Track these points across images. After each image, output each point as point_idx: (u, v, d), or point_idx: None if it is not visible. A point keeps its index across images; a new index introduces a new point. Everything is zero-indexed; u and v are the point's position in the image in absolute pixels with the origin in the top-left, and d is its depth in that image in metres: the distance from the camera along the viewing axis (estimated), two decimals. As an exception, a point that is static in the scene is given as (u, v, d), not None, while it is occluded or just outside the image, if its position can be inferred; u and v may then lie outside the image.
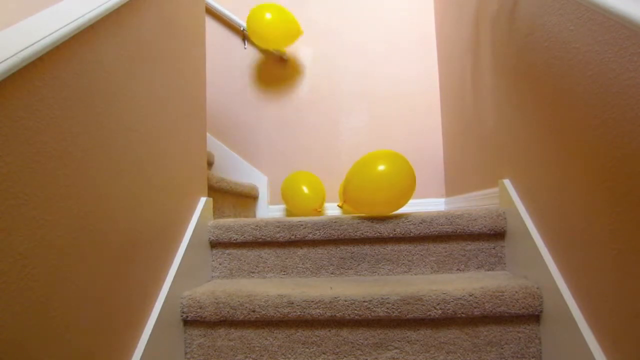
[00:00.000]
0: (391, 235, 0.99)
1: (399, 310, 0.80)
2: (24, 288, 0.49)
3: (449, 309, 0.80)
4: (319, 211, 1.61)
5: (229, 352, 0.87)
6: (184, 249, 0.90)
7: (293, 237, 1.02)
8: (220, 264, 1.06)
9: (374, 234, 0.99)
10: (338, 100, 1.90)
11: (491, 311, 0.79)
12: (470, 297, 0.79)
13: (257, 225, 1.03)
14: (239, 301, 0.85)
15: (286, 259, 1.05)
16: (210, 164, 1.70)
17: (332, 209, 1.83)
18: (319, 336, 0.85)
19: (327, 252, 1.03)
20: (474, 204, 1.28)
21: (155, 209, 0.81)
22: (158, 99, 0.85)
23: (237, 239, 1.04)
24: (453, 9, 1.50)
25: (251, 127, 1.95)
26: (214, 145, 1.93)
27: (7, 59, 0.47)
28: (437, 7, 1.78)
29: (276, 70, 1.95)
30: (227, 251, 1.06)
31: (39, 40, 0.51)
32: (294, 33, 1.71)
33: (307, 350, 0.85)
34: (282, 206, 1.87)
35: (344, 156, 1.87)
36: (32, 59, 0.50)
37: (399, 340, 0.83)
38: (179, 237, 0.92)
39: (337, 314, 0.82)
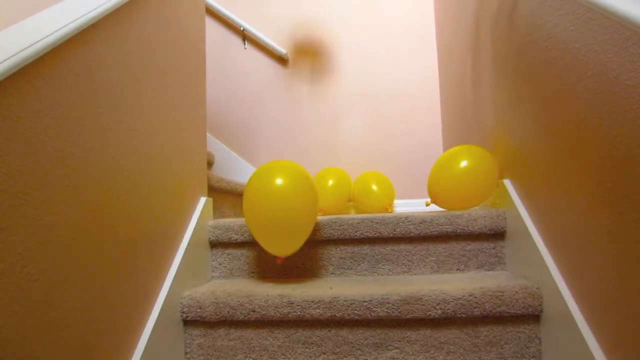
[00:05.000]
0: (391, 235, 0.99)
1: (399, 310, 0.80)
2: (24, 288, 0.49)
3: (449, 309, 0.80)
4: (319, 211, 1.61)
5: (229, 352, 0.87)
6: (184, 249, 0.90)
7: (293, 237, 1.02)
8: (220, 264, 1.06)
9: (374, 234, 0.99)
10: (338, 100, 1.90)
11: (491, 311, 0.79)
12: (470, 297, 0.79)
13: (257, 225, 1.03)
14: (238, 301, 0.85)
15: (286, 259, 1.04)
16: (210, 164, 1.70)
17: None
18: (318, 336, 0.85)
19: (327, 252, 1.03)
20: (474, 204, 1.28)
21: (155, 209, 0.81)
22: (158, 99, 0.85)
23: (237, 239, 1.04)
24: (453, 9, 1.50)
25: (251, 127, 1.95)
26: (214, 145, 1.93)
27: (8, 59, 0.47)
28: (437, 7, 1.78)
29: (276, 70, 1.95)
30: (227, 251, 1.06)
31: (39, 40, 0.51)
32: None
33: (307, 350, 0.85)
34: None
35: (343, 156, 1.87)
36: (32, 59, 0.50)
37: (399, 340, 0.83)
38: (179, 237, 0.92)
39: (337, 314, 0.82)
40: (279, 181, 0.86)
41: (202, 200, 1.05)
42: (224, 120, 1.98)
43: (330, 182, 1.57)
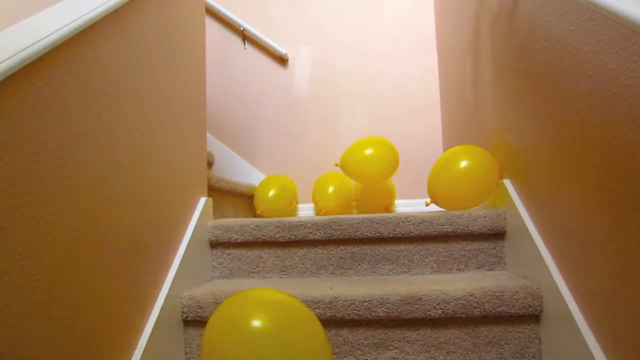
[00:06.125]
0: (391, 235, 0.99)
1: (398, 310, 0.80)
2: (24, 288, 0.49)
3: (449, 309, 0.80)
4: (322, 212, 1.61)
5: (229, 352, 0.87)
6: (184, 249, 0.90)
7: (293, 237, 1.02)
8: (220, 264, 1.06)
9: (374, 234, 0.99)
10: (338, 100, 1.90)
11: (491, 311, 0.79)
12: (470, 297, 0.79)
13: (257, 225, 1.03)
14: (239, 301, 0.85)
15: (286, 259, 1.05)
16: (210, 164, 1.70)
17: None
18: (319, 336, 0.85)
19: (327, 252, 1.03)
20: (474, 204, 1.28)
21: (155, 209, 0.81)
22: (158, 99, 0.85)
23: (237, 239, 1.04)
24: (453, 9, 1.50)
25: (251, 127, 1.95)
26: (214, 145, 1.93)
27: (7, 59, 0.47)
28: (437, 7, 1.78)
29: (276, 70, 1.95)
30: (227, 251, 1.06)
31: (39, 40, 0.51)
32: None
33: (307, 350, 0.85)
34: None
35: (344, 156, 1.87)
36: (32, 59, 0.50)
37: (399, 340, 0.83)
38: (179, 237, 0.92)
39: (337, 314, 0.82)
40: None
41: (202, 200, 1.05)
42: (224, 120, 1.98)
43: (331, 189, 1.58)
